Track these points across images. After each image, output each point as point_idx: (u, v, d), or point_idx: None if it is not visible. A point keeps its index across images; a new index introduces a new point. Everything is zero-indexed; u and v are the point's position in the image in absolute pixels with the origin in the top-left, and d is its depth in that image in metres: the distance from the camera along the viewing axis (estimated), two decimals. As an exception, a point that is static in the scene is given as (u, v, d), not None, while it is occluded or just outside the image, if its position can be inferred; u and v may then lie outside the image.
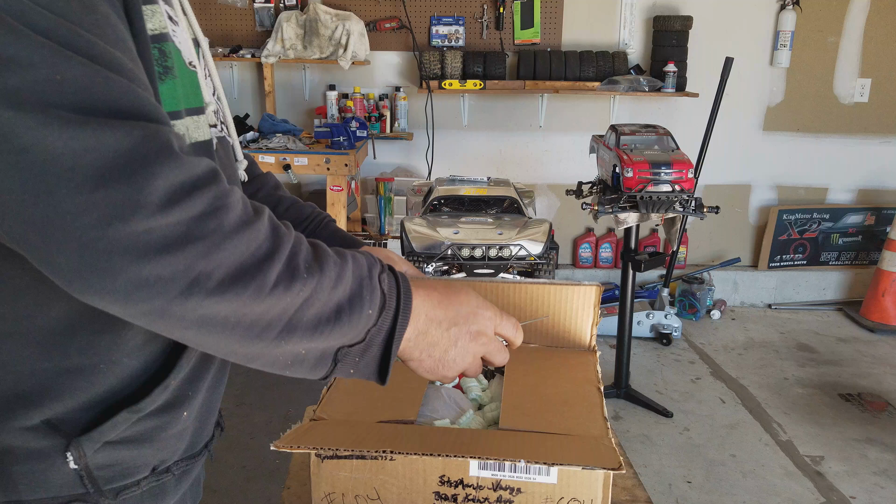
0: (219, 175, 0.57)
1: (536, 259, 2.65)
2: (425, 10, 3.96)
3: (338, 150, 3.41)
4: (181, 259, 0.52)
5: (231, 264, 0.55)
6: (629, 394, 3.15)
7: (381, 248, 1.04)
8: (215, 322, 0.56)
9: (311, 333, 0.62)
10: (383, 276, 0.68)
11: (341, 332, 0.64)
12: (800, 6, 4.00)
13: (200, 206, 0.54)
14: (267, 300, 0.57)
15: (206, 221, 0.54)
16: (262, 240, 0.58)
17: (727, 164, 4.28)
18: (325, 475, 0.81)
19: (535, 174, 4.26)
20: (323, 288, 0.61)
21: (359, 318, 0.64)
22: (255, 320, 0.58)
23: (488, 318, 0.76)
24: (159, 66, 0.63)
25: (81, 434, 0.65)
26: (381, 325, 0.67)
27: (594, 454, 0.79)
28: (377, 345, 0.68)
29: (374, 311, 0.66)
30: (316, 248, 0.64)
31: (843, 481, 2.61)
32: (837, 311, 4.35)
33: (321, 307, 0.62)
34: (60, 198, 0.49)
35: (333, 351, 0.66)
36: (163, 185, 0.52)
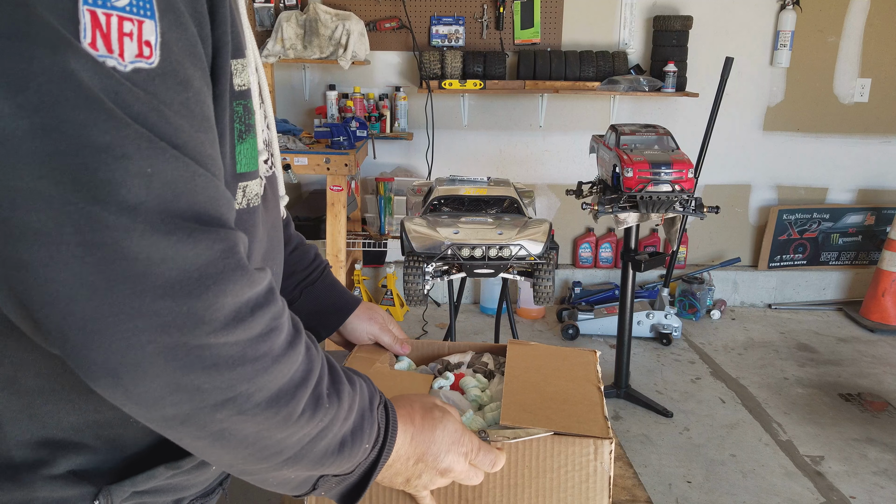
0: (274, 291, 0.55)
1: (536, 259, 2.65)
2: (425, 10, 3.96)
3: (338, 150, 3.40)
4: (227, 378, 0.51)
5: (272, 388, 0.54)
6: (629, 394, 3.15)
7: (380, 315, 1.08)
8: (233, 439, 0.54)
9: (316, 464, 0.61)
10: (380, 410, 0.67)
11: (339, 464, 0.63)
12: (800, 6, 4.00)
13: (259, 328, 0.52)
14: (292, 427, 0.56)
15: (260, 344, 0.52)
16: (299, 363, 0.56)
17: (727, 164, 4.28)
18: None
19: (535, 174, 4.26)
20: (338, 419, 0.60)
21: (356, 452, 0.63)
22: (271, 444, 0.56)
23: (462, 455, 0.73)
24: (241, 124, 0.60)
25: (113, 482, 0.63)
26: (368, 458, 0.66)
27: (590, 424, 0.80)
28: (357, 475, 0.67)
29: (370, 445, 0.65)
30: (332, 372, 0.62)
31: (843, 481, 2.61)
32: (837, 311, 4.35)
33: (332, 439, 0.61)
34: (121, 299, 0.46)
35: (317, 478, 0.64)
36: (231, 303, 0.50)
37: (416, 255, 2.65)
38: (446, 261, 2.65)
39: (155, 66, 0.47)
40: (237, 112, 0.59)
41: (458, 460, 0.73)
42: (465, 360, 1.11)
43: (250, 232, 0.64)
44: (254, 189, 0.63)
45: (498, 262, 2.62)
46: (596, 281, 4.33)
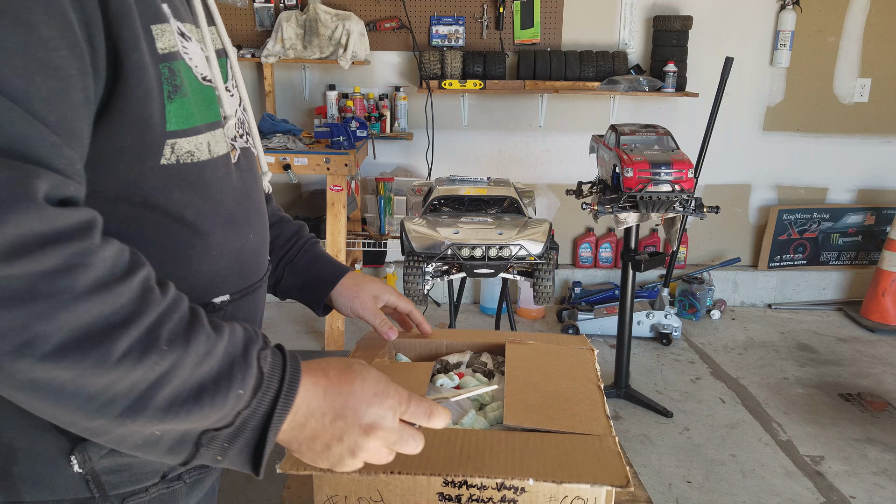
0: (90, 232, 0.53)
1: (536, 259, 2.65)
2: (425, 9, 3.96)
3: (338, 150, 3.40)
4: (17, 316, 0.48)
5: (75, 328, 0.50)
6: (629, 394, 3.15)
7: (360, 276, 1.07)
8: (50, 389, 0.51)
9: (165, 414, 0.55)
10: (264, 354, 0.62)
11: (202, 413, 0.57)
12: (800, 6, 4.00)
13: (52, 262, 0.49)
14: (112, 372, 0.52)
15: (55, 279, 0.49)
16: (120, 304, 0.53)
17: (727, 164, 4.28)
18: (328, 478, 0.81)
19: (535, 174, 4.26)
20: (185, 364, 0.55)
21: (224, 400, 0.58)
22: (95, 393, 0.52)
23: (388, 408, 0.66)
24: (168, 84, 0.63)
25: (87, 438, 0.63)
26: (255, 409, 0.60)
27: (601, 464, 0.79)
28: (250, 430, 0.61)
29: (247, 391, 0.59)
30: (194, 319, 0.58)
31: (843, 481, 2.61)
32: (837, 311, 4.35)
33: (180, 385, 0.55)
34: None
35: (196, 434, 0.59)
36: (13, 233, 0.47)
37: (416, 255, 2.65)
38: (446, 261, 2.64)
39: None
40: (163, 74, 0.62)
41: (385, 415, 0.66)
42: (464, 359, 1.11)
43: (186, 188, 0.66)
44: (188, 146, 0.65)
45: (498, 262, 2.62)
46: (596, 281, 4.33)
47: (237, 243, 0.75)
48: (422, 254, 2.64)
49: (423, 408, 0.69)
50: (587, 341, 1.16)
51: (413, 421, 0.69)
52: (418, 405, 0.69)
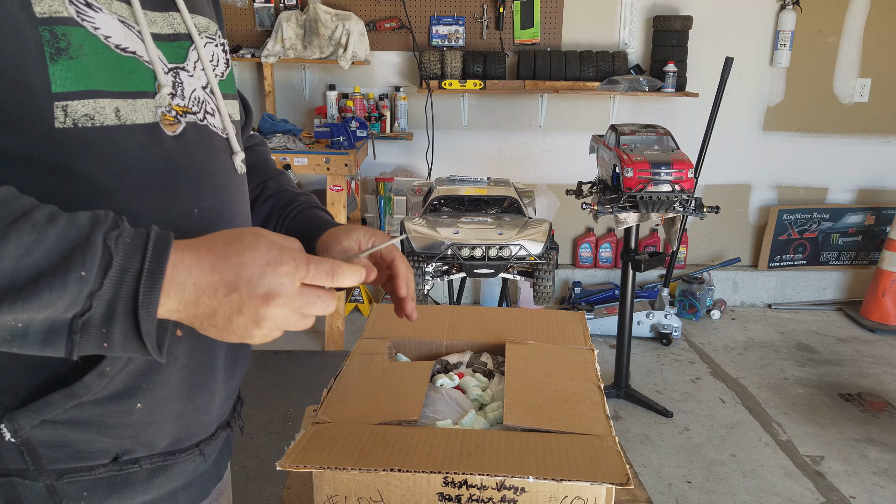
0: None
1: (536, 259, 2.65)
2: (425, 10, 3.96)
3: (338, 150, 3.40)
4: None
5: None
6: (629, 394, 3.15)
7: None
8: None
9: (2, 303, 0.55)
10: (113, 235, 0.59)
11: (43, 298, 0.56)
12: (800, 6, 4.00)
13: None
14: None
15: None
16: None
17: (727, 164, 4.28)
18: (328, 477, 0.81)
19: (535, 174, 4.26)
20: (5, 255, 0.55)
21: (63, 283, 0.56)
22: None
23: (284, 274, 0.63)
24: (51, 47, 0.63)
25: (17, 408, 0.65)
26: (115, 289, 0.59)
27: (601, 462, 0.79)
28: (121, 313, 0.59)
29: (91, 273, 0.58)
30: (26, 215, 0.58)
31: (843, 481, 2.61)
32: (837, 311, 4.35)
33: (13, 273, 0.55)
34: None
35: (66, 322, 0.58)
36: None
37: (416, 255, 2.65)
38: (446, 261, 2.64)
39: None
40: (43, 36, 0.63)
41: (282, 282, 0.63)
42: (464, 359, 1.11)
43: (95, 153, 0.66)
44: (84, 110, 0.65)
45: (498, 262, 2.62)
46: (596, 281, 4.33)
47: (172, 216, 0.72)
48: (422, 254, 2.64)
49: (325, 268, 0.66)
50: (584, 316, 1.16)
51: (316, 283, 0.66)
52: (318, 267, 0.66)
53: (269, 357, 3.49)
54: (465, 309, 1.28)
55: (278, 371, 3.36)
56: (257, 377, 3.30)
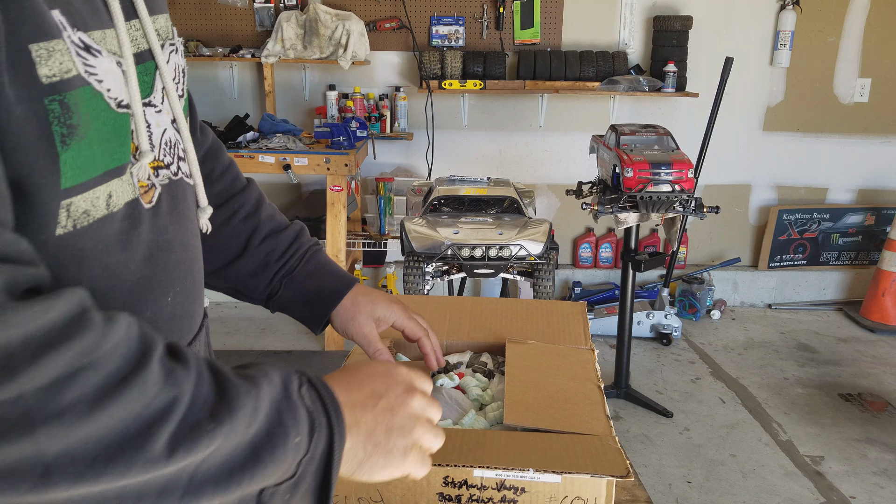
0: (84, 319, 0.43)
1: (536, 259, 2.65)
2: (425, 10, 3.96)
3: (338, 150, 3.40)
4: (24, 448, 0.39)
5: (106, 437, 0.42)
6: (629, 394, 3.15)
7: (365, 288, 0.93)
8: (91, 500, 0.43)
9: (226, 485, 0.49)
10: (303, 392, 0.55)
11: (264, 474, 0.51)
12: (800, 6, 4.00)
13: (55, 371, 0.40)
14: (163, 467, 0.45)
15: (63, 391, 0.40)
16: (150, 396, 0.44)
17: (727, 164, 4.28)
18: (328, 476, 0.81)
19: (535, 174, 4.26)
20: (235, 432, 0.49)
21: (283, 453, 0.52)
22: (142, 491, 0.45)
23: (402, 372, 0.66)
24: (62, 126, 0.47)
25: None
26: (314, 451, 0.55)
27: (601, 458, 0.79)
28: (311, 474, 0.56)
29: (304, 436, 0.54)
30: (219, 379, 0.50)
31: (843, 481, 2.61)
32: (837, 311, 4.35)
33: (231, 452, 0.49)
34: None
35: (254, 496, 0.54)
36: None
37: (416, 255, 2.65)
38: (446, 261, 2.65)
39: None
40: (52, 111, 0.46)
41: (405, 374, 0.67)
42: (464, 359, 1.11)
43: (81, 260, 0.51)
44: (84, 206, 0.50)
45: (498, 262, 2.62)
46: (596, 281, 4.33)
47: (149, 311, 0.59)
48: (422, 254, 2.64)
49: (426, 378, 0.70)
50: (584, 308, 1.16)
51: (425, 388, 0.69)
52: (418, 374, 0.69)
53: (269, 357, 3.49)
54: (466, 301, 1.28)
55: (278, 371, 3.36)
56: (257, 377, 3.29)
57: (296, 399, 0.54)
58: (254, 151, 3.35)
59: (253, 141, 3.45)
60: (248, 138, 3.45)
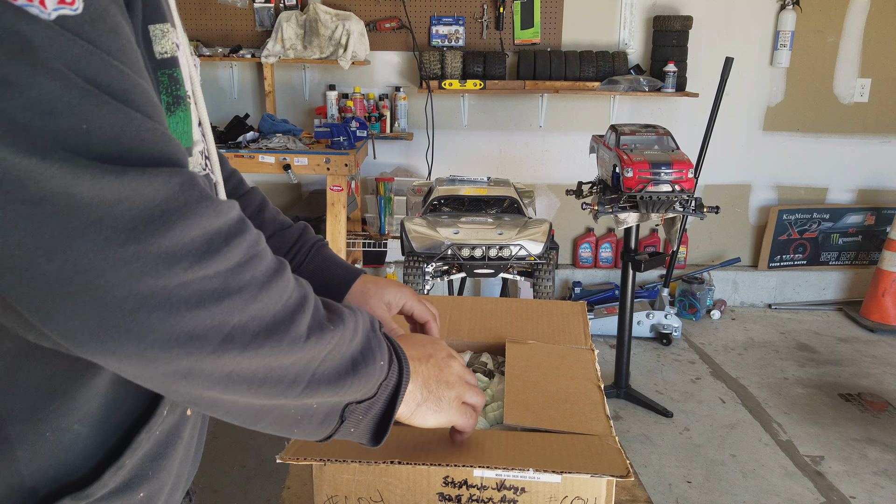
0: (246, 220, 0.52)
1: (536, 259, 2.65)
2: (425, 10, 3.96)
3: (338, 150, 3.40)
4: (217, 313, 0.48)
5: (266, 316, 0.51)
6: (629, 394, 3.15)
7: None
8: (242, 379, 0.51)
9: (333, 386, 0.59)
10: (382, 332, 0.67)
11: (358, 384, 0.61)
12: (800, 6, 4.00)
13: (238, 257, 0.50)
14: (299, 352, 0.54)
15: (242, 272, 0.50)
16: (291, 289, 0.55)
17: (727, 164, 4.28)
18: (328, 478, 0.81)
19: (535, 174, 4.26)
20: (344, 339, 0.60)
21: (373, 371, 0.63)
22: (281, 375, 0.54)
23: (444, 346, 0.79)
24: (169, 95, 0.55)
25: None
26: (389, 380, 0.66)
27: (601, 458, 0.79)
28: (382, 401, 0.66)
29: (385, 363, 0.65)
30: (325, 300, 0.62)
31: (843, 481, 2.61)
32: (837, 311, 4.35)
33: (340, 359, 0.59)
34: (82, 253, 0.43)
35: (342, 407, 0.63)
36: (201, 235, 0.47)
37: (416, 255, 2.65)
38: (446, 261, 2.65)
39: (80, 13, 0.44)
40: (162, 83, 0.54)
41: (440, 346, 0.79)
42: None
43: None
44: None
45: (498, 262, 2.62)
46: (596, 281, 4.33)
47: None
48: (422, 254, 2.64)
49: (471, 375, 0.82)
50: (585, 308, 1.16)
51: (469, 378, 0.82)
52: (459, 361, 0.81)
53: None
54: (466, 301, 1.28)
55: (278, 371, 3.36)
56: (257, 377, 3.29)
57: (378, 334, 0.66)
58: (254, 151, 3.35)
59: (253, 141, 3.45)
60: (248, 138, 3.45)
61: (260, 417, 0.57)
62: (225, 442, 2.71)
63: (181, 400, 0.52)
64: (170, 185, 0.46)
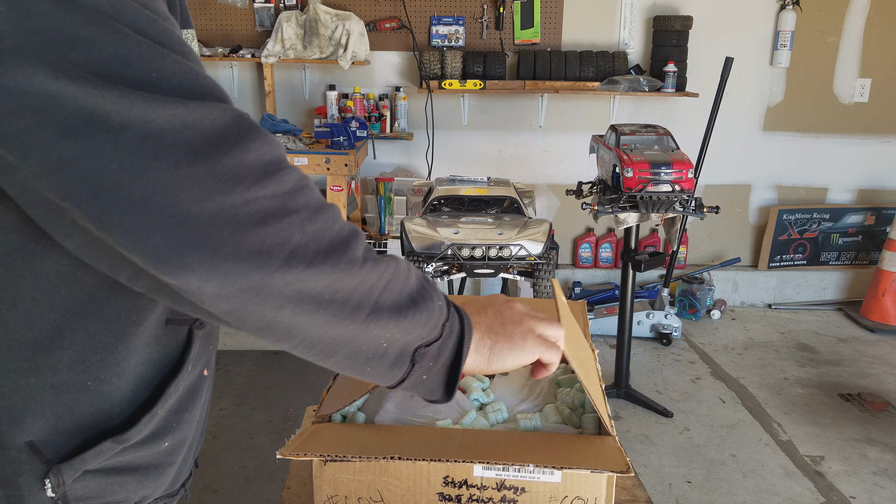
0: (288, 160, 0.59)
1: (536, 259, 2.65)
2: (425, 10, 3.96)
3: (338, 150, 3.40)
4: (280, 230, 0.53)
5: (323, 237, 0.56)
6: (629, 394, 3.15)
7: None
8: (310, 298, 0.56)
9: (396, 317, 0.62)
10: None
11: (420, 319, 0.64)
12: (800, 6, 4.00)
13: (291, 182, 0.55)
14: (358, 274, 0.58)
15: (297, 196, 0.55)
16: (343, 220, 0.60)
17: (727, 164, 4.28)
18: (328, 477, 0.81)
19: (535, 174, 4.26)
20: (399, 275, 0.63)
21: (432, 309, 0.65)
22: (346, 297, 0.58)
23: (497, 296, 0.79)
24: None
25: (62, 461, 0.61)
26: (452, 324, 0.68)
27: (601, 457, 0.79)
28: (449, 348, 0.68)
29: (444, 304, 0.67)
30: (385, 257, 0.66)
31: (843, 481, 2.61)
32: (837, 311, 4.35)
33: (399, 293, 0.63)
34: (159, 174, 0.49)
35: (412, 350, 0.66)
36: (258, 159, 0.53)
37: (416, 255, 2.65)
38: (446, 261, 2.64)
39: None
40: None
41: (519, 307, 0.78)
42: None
43: None
44: None
45: (498, 262, 2.62)
46: (596, 281, 4.33)
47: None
48: (422, 254, 2.64)
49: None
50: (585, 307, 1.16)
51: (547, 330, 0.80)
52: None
53: (269, 357, 3.49)
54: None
55: (278, 371, 3.36)
56: (257, 377, 3.30)
57: (431, 281, 0.69)
58: (254, 151, 3.34)
59: (253, 141, 3.45)
60: (248, 138, 3.44)
61: (332, 351, 0.61)
62: (225, 442, 2.71)
63: (258, 326, 0.56)
64: (226, 115, 0.53)
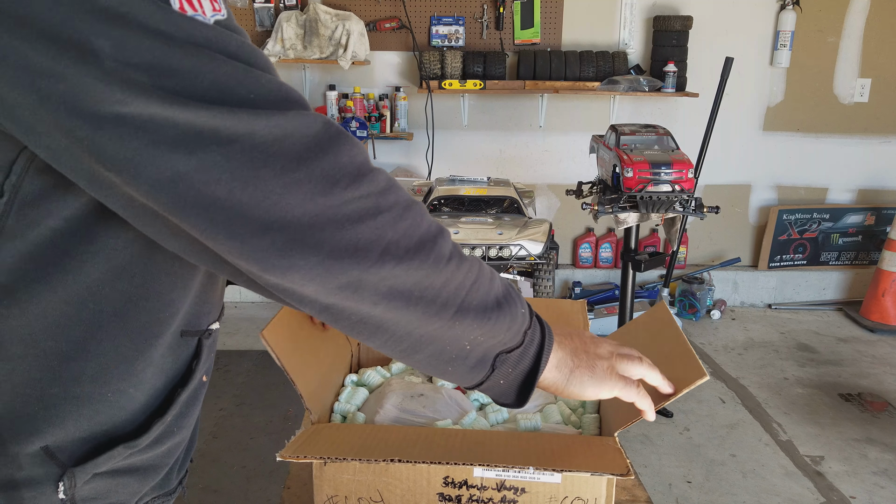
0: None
1: (536, 259, 2.66)
2: (425, 10, 3.96)
3: (338, 150, 3.40)
4: (375, 228, 0.56)
5: (413, 234, 0.59)
6: (629, 394, 3.15)
7: None
8: (400, 294, 0.59)
9: (481, 318, 0.64)
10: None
11: (503, 323, 0.66)
12: (800, 6, 4.00)
13: (382, 183, 0.58)
14: (444, 271, 0.61)
15: (387, 195, 0.58)
16: (430, 219, 0.62)
17: (727, 164, 4.28)
18: (328, 478, 0.81)
19: (535, 174, 4.26)
20: (484, 276, 0.65)
21: (515, 314, 0.67)
22: (434, 295, 0.61)
23: (585, 331, 0.80)
24: None
25: (76, 465, 0.63)
26: (534, 333, 0.69)
27: (601, 458, 0.79)
28: (529, 357, 0.70)
29: (527, 312, 0.69)
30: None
31: (843, 481, 2.61)
32: (837, 311, 4.35)
33: (485, 294, 0.65)
34: (266, 180, 0.52)
35: (493, 356, 0.67)
36: (350, 161, 0.56)
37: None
38: (446, 261, 2.65)
39: (227, 17, 0.56)
40: None
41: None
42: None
43: None
44: None
45: (498, 262, 2.62)
46: (596, 281, 4.33)
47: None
48: (422, 254, 2.64)
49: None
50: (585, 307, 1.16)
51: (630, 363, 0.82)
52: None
53: (269, 357, 3.48)
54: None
55: (278, 371, 3.36)
56: (257, 377, 3.30)
57: (516, 289, 0.70)
58: (254, 151, 3.34)
59: (253, 141, 3.45)
60: (248, 138, 3.44)
61: (418, 348, 0.64)
62: (225, 442, 2.71)
63: (352, 321, 0.60)
64: (318, 122, 0.56)
